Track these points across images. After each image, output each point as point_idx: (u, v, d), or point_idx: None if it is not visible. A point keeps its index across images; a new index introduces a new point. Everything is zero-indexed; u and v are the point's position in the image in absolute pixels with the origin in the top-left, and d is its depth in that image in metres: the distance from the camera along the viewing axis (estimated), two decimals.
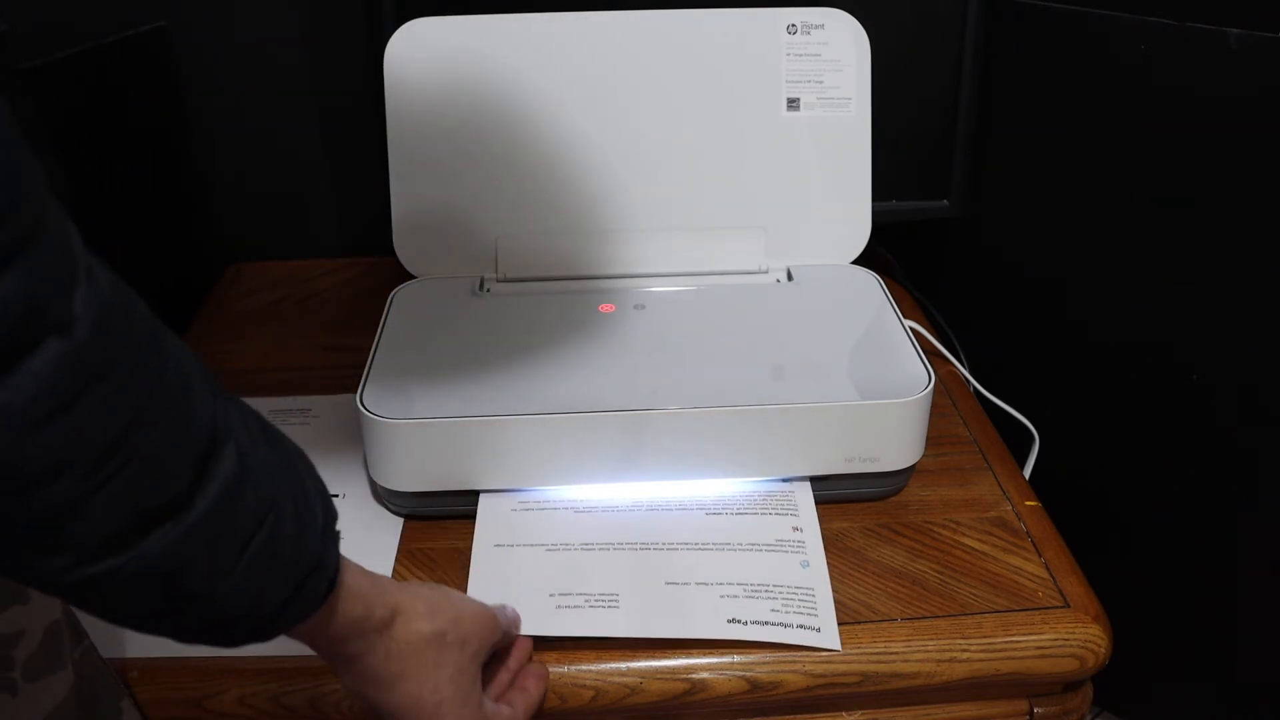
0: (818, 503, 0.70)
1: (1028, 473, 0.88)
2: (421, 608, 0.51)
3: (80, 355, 0.32)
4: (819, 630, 0.61)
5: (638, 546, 0.66)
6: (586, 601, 0.63)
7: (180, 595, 0.38)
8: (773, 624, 0.61)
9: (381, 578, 0.50)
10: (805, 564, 0.65)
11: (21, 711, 0.49)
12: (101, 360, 0.33)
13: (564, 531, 0.68)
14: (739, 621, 0.61)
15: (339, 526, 0.46)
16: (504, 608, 0.59)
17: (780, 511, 0.69)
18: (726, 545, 0.66)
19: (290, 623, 0.43)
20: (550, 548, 0.67)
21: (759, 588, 0.63)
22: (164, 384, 0.36)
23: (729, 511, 0.69)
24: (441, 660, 0.52)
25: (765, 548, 0.66)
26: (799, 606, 0.62)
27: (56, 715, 0.51)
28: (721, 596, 0.63)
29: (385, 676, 0.50)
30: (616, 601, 0.63)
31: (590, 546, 0.67)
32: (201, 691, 0.61)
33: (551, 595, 0.63)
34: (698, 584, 0.64)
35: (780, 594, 0.63)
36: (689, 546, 0.66)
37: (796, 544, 0.66)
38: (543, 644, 0.62)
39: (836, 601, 0.64)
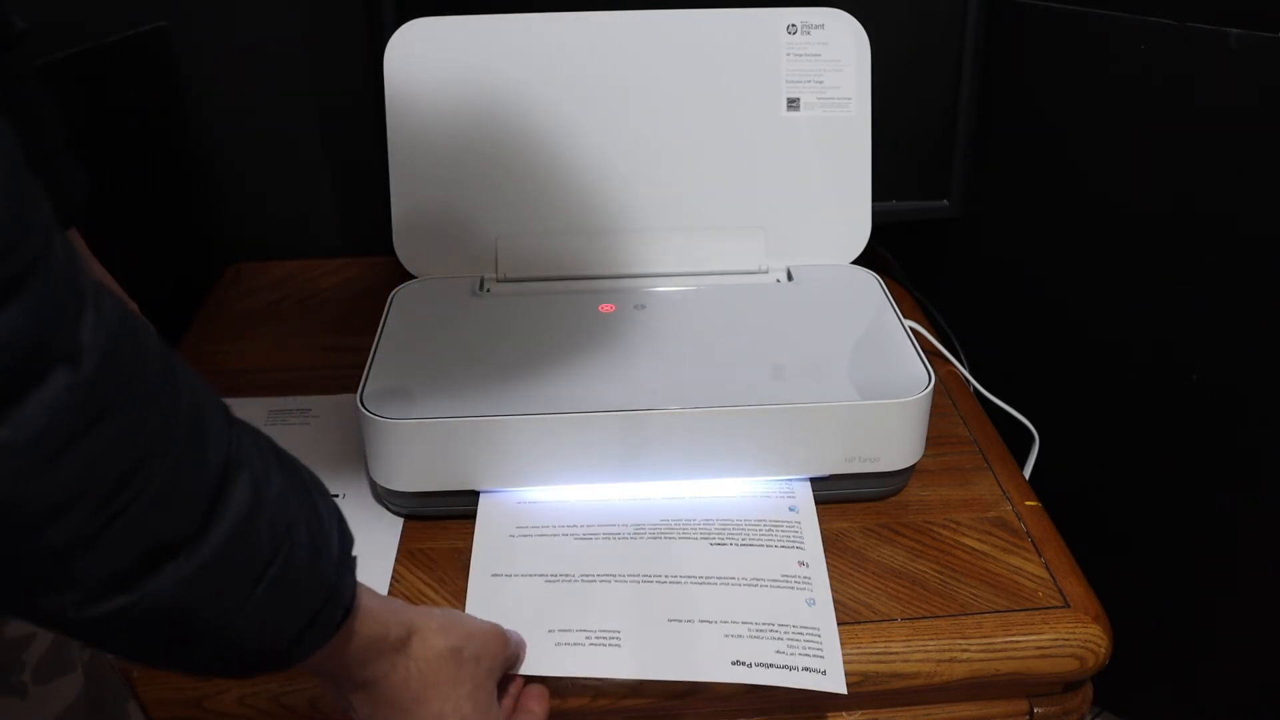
0: (818, 503, 0.70)
1: (1028, 473, 0.88)
2: (435, 624, 0.51)
3: (89, 387, 0.32)
4: (825, 673, 0.60)
5: (640, 579, 0.65)
6: (587, 639, 0.61)
7: (193, 630, 0.37)
8: (778, 666, 0.60)
9: (393, 599, 0.50)
10: (811, 602, 0.63)
11: (31, 714, 0.50)
12: (111, 392, 0.32)
13: (563, 561, 0.66)
14: (744, 664, 0.60)
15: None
16: (510, 631, 0.58)
17: (786, 544, 0.67)
18: (731, 580, 0.64)
19: (306, 652, 0.43)
20: (550, 579, 0.65)
21: (764, 627, 0.62)
22: (175, 414, 0.35)
23: (734, 543, 0.67)
24: (460, 677, 0.51)
25: (770, 583, 0.64)
26: (805, 648, 0.61)
27: (65, 717, 0.51)
28: (726, 636, 0.61)
29: (405, 699, 0.49)
30: (618, 639, 0.61)
31: (591, 578, 0.65)
32: (202, 691, 0.61)
33: (550, 631, 0.61)
34: (702, 621, 0.62)
35: (786, 634, 0.61)
36: (693, 580, 0.65)
37: (803, 580, 0.65)
38: None
39: (836, 601, 0.64)
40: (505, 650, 0.56)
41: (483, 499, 0.70)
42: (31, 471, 0.31)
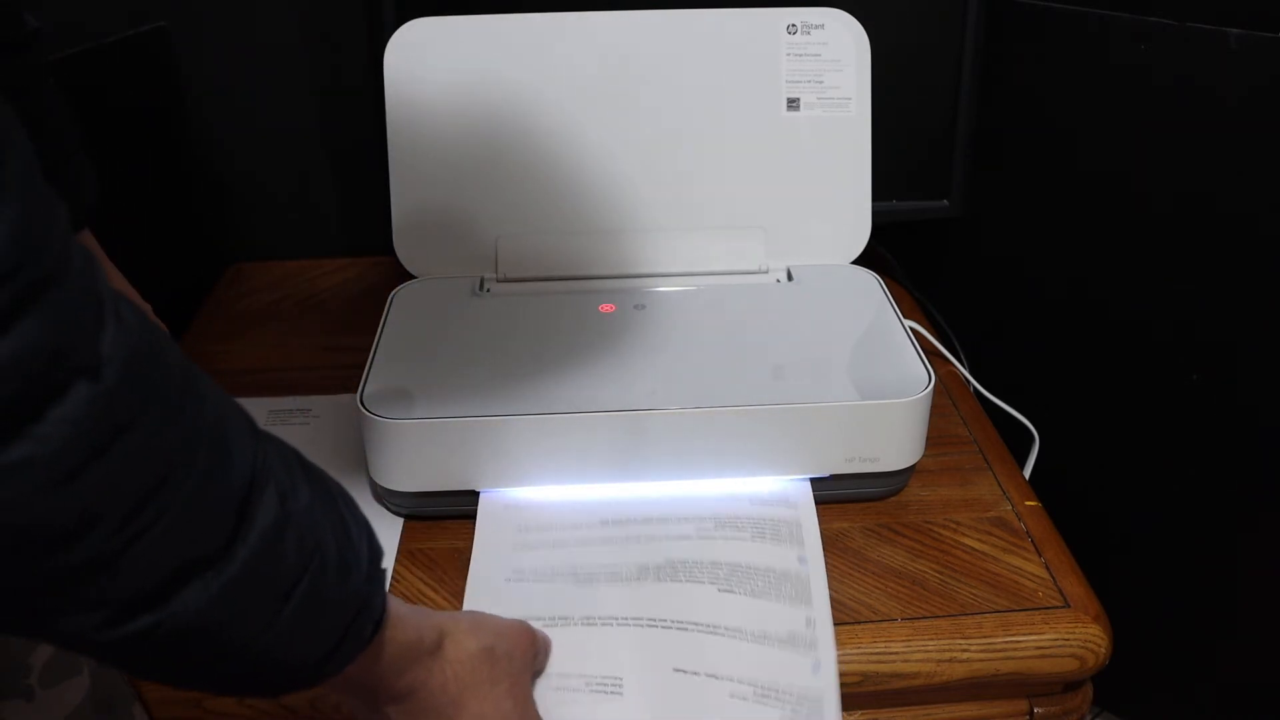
0: (818, 503, 0.70)
1: (1028, 473, 0.88)
2: (465, 626, 0.50)
3: (110, 400, 0.30)
4: None
5: (644, 623, 0.61)
6: (586, 685, 0.58)
7: (221, 649, 0.36)
8: None
9: (420, 606, 0.49)
10: (816, 667, 0.60)
11: (38, 717, 0.50)
12: (132, 405, 0.31)
13: (564, 603, 0.62)
14: None
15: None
16: (538, 630, 0.57)
17: (794, 600, 0.64)
18: (739, 632, 0.61)
19: (338, 667, 0.42)
20: (548, 622, 0.61)
21: (769, 691, 0.59)
22: (199, 428, 0.34)
23: (741, 591, 0.64)
24: (496, 675, 0.50)
25: (778, 642, 0.61)
26: (808, 718, 0.58)
27: None
28: (731, 696, 0.58)
29: (444, 704, 0.48)
30: (620, 687, 0.58)
31: (592, 621, 0.61)
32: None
33: (548, 676, 0.58)
34: (708, 675, 0.59)
35: (789, 701, 0.59)
36: (699, 628, 0.61)
37: (809, 642, 0.61)
38: None
39: (836, 601, 0.64)
40: (534, 646, 0.55)
41: (477, 539, 0.67)
42: (52, 489, 0.30)
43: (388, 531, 0.70)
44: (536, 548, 0.67)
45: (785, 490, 0.70)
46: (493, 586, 0.65)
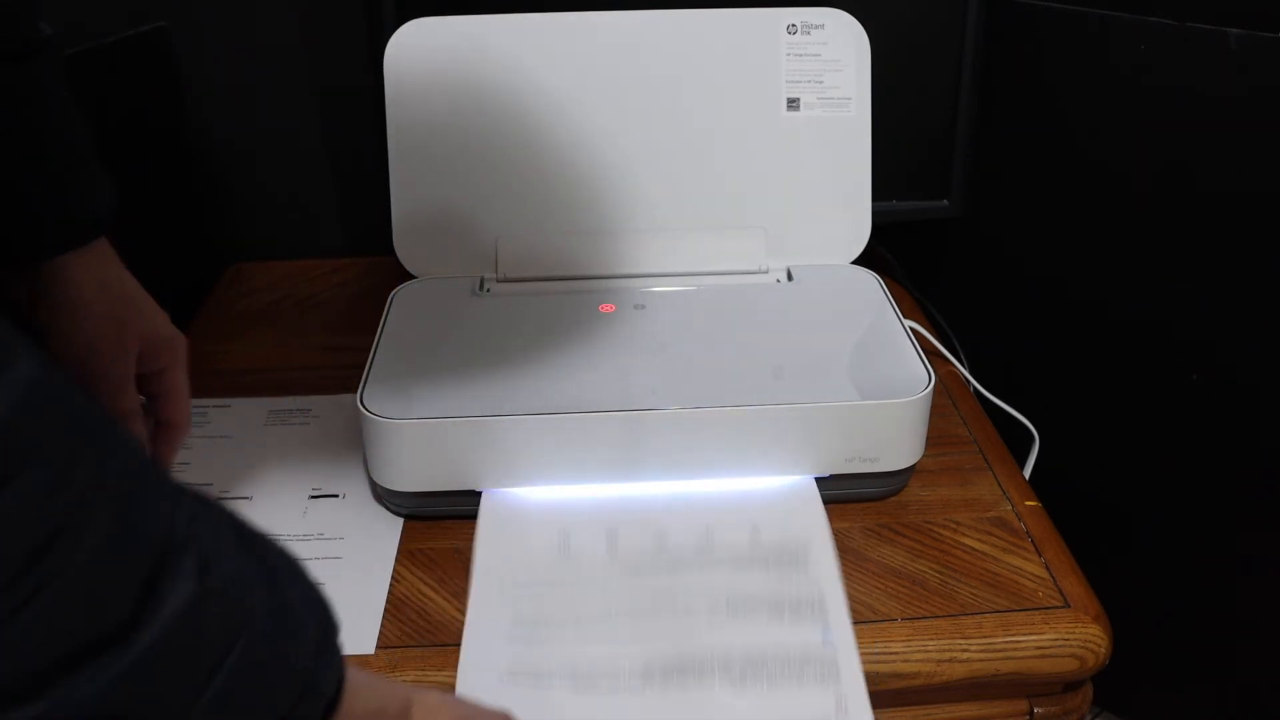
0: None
1: (1028, 473, 0.88)
2: (435, 698, 0.47)
3: None
4: None
5: None
6: None
7: None
8: None
9: (384, 676, 0.46)
10: None
11: None
12: (10, 463, 0.28)
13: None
14: None
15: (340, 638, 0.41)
16: None
17: (821, 679, 0.58)
18: None
19: None
20: None
21: None
22: (99, 489, 0.30)
23: (759, 679, 0.57)
24: None
25: None
26: None
27: None
28: None
29: None
30: None
31: None
32: None
33: None
34: None
35: None
36: None
37: None
38: None
39: None
40: None
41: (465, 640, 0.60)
42: None
43: (388, 531, 0.70)
44: (535, 631, 0.61)
45: (797, 538, 0.66)
46: (485, 686, 0.58)
